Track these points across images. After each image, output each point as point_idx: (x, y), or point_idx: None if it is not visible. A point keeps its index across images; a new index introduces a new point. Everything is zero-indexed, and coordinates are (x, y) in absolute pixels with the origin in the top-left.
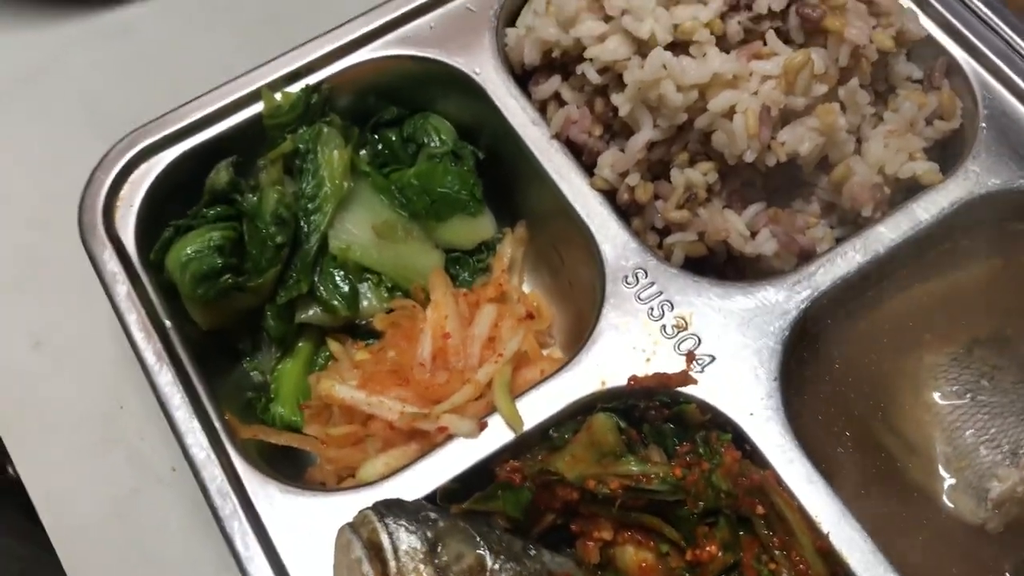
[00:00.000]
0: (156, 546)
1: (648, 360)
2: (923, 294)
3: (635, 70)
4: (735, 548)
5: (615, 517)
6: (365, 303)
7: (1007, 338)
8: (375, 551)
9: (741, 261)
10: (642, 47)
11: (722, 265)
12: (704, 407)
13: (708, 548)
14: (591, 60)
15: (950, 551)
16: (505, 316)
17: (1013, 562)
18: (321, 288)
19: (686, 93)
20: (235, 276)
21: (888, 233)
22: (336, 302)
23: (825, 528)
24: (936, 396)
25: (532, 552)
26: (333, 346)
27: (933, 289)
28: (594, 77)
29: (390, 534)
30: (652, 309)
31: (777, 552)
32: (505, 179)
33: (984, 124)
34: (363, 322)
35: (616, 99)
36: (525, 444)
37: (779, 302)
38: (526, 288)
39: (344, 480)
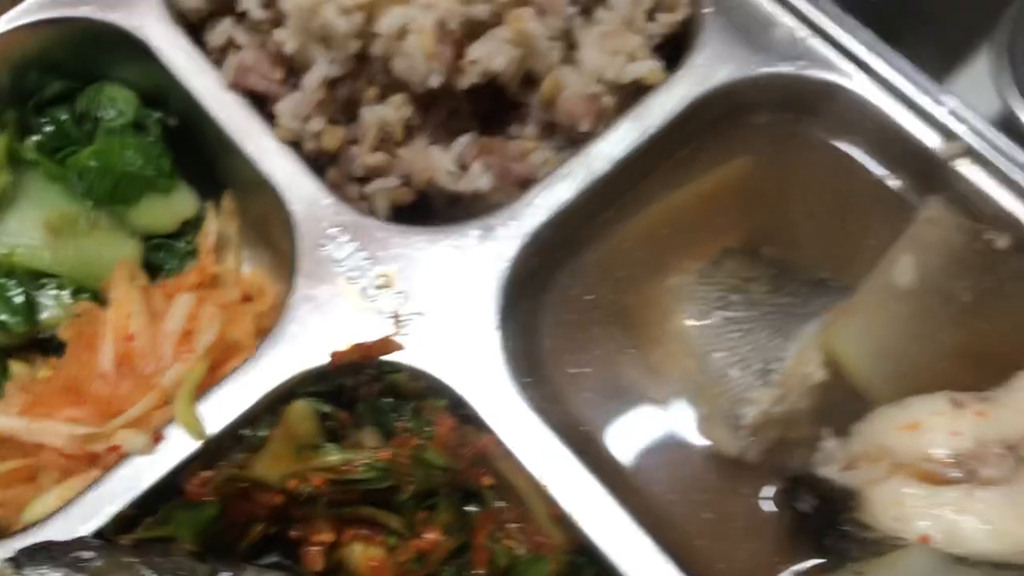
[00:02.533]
0: None
1: (352, 331)
2: (665, 209)
3: None
4: (459, 530)
5: (331, 515)
6: (46, 313)
7: (759, 244)
8: None
9: (465, 202)
10: None
11: (447, 208)
12: (415, 374)
13: (428, 535)
14: None
15: (708, 490)
16: (206, 303)
17: (775, 488)
18: None
19: (350, 16)
20: None
21: (612, 147)
22: (7, 317)
23: (555, 492)
24: (684, 321)
25: (226, 574)
26: (17, 369)
27: (677, 202)
28: (257, 12)
29: None
30: (352, 271)
31: (513, 526)
32: (202, 146)
33: (709, 10)
34: (49, 335)
35: (280, 34)
36: (217, 450)
37: (493, 241)
38: (248, 268)
39: None
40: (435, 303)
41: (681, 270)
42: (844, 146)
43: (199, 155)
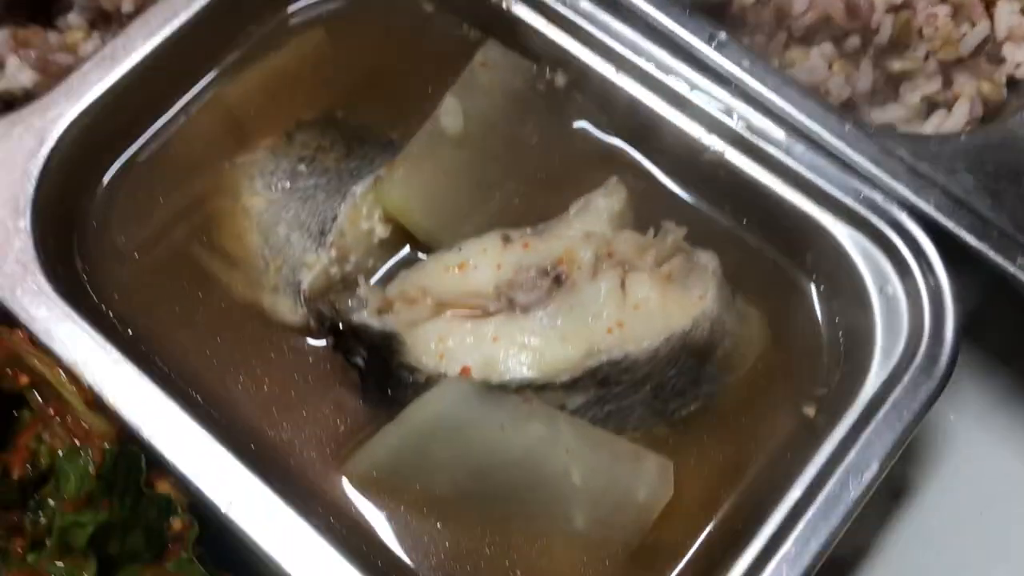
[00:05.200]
0: None
1: None
2: (238, 88)
3: None
4: None
5: None
6: None
7: (336, 113)
8: None
9: (19, 103)
10: None
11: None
12: None
13: None
14: None
15: (276, 364)
16: None
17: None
18: None
19: None
20: None
21: (159, 24)
22: None
23: (92, 378)
24: (252, 197)
25: None
26: None
27: (250, 79)
28: None
29: None
30: None
31: (56, 422)
32: None
33: None
34: None
35: None
36: None
37: (26, 132)
38: None
39: None
40: None
41: (249, 147)
42: (415, 4)
43: None
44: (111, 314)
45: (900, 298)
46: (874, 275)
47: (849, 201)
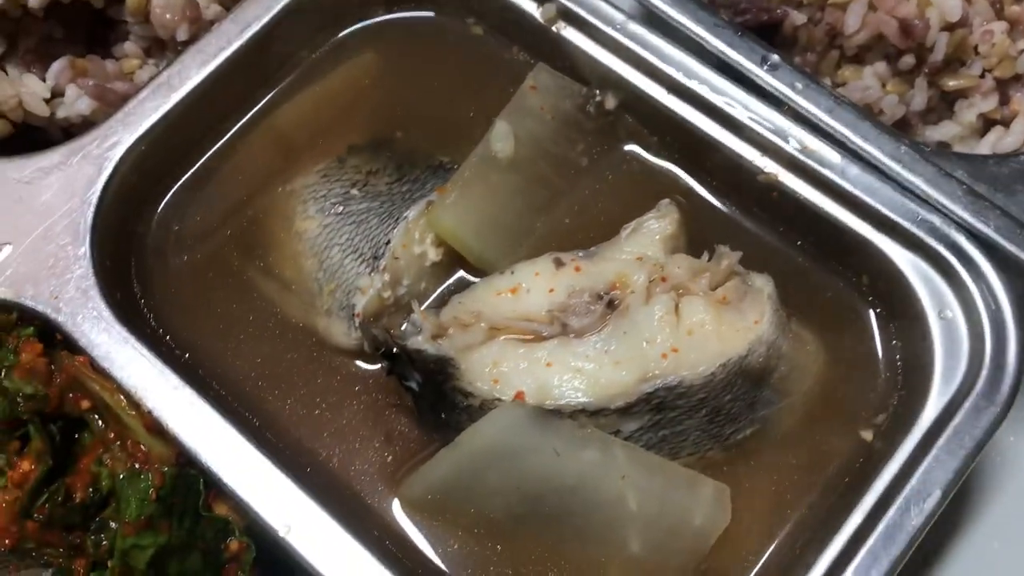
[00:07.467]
0: None
1: None
2: (290, 113)
3: None
4: (46, 456)
5: None
6: None
7: (386, 137)
8: None
9: (78, 130)
10: None
11: (66, 140)
12: (5, 306)
13: (21, 466)
14: None
15: (330, 389)
16: None
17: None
18: None
19: None
20: None
21: (211, 51)
22: None
23: (151, 403)
24: (306, 221)
25: None
26: None
27: (302, 104)
28: None
29: None
30: None
31: (116, 445)
32: None
33: None
34: None
35: None
36: None
37: (84, 162)
38: None
39: None
40: (23, 231)
41: (303, 172)
42: (465, 28)
43: None
44: (168, 338)
45: (960, 323)
46: (933, 299)
47: (906, 224)
